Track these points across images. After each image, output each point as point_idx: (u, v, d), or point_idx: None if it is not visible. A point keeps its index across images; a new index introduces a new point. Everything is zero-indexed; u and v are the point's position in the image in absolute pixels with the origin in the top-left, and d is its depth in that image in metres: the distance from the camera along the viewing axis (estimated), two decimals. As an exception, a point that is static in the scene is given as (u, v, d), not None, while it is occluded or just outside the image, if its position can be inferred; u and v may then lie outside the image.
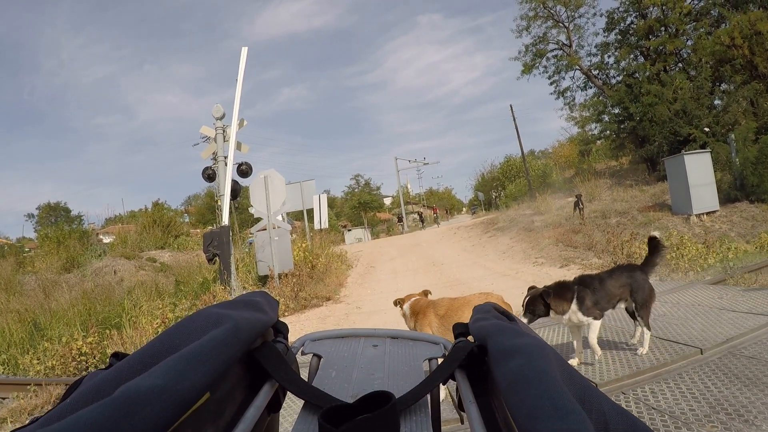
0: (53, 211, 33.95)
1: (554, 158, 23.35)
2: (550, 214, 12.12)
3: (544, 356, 0.48)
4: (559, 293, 3.15)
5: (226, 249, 9.78)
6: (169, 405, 0.36)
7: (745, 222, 8.79)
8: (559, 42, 17.93)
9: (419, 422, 0.56)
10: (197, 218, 32.29)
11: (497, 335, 0.57)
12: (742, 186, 9.81)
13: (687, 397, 2.50)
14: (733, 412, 2.29)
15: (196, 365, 0.42)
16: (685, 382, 2.68)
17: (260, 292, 0.75)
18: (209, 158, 11.17)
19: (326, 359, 0.74)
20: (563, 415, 0.36)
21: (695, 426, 2.20)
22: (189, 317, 0.54)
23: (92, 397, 0.38)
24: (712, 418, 2.26)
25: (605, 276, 3.32)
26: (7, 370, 6.63)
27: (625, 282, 3.29)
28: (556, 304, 3.13)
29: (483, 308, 0.77)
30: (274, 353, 0.60)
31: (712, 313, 3.97)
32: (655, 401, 2.50)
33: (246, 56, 10.85)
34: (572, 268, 7.28)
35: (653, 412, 2.38)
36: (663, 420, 2.28)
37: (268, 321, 0.67)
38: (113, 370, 0.44)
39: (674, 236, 7.02)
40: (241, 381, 0.56)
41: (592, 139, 18.21)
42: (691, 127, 12.22)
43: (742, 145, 10.18)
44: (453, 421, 2.48)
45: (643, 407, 2.44)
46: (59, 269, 12.87)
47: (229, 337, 0.49)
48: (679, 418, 2.29)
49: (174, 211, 28.60)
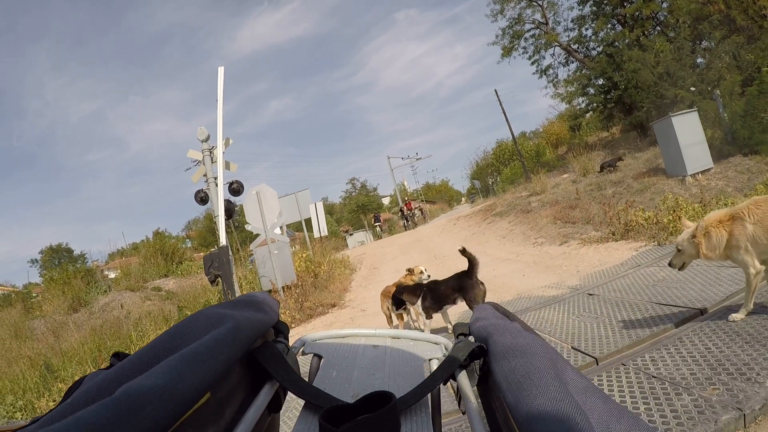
0: (56, 253, 34.08)
1: (545, 137, 23.24)
2: (546, 194, 12.04)
3: (545, 356, 0.48)
4: None
5: (227, 269, 9.75)
6: (170, 405, 0.36)
7: (741, 176, 8.70)
8: (535, 21, 17.84)
9: (420, 422, 0.56)
10: (199, 242, 32.36)
11: (498, 335, 0.57)
12: (734, 140, 9.71)
13: (687, 361, 2.45)
14: (734, 371, 2.24)
15: (197, 365, 0.42)
16: (686, 346, 2.63)
17: (261, 293, 0.73)
18: (202, 181, 11.21)
19: (327, 359, 0.74)
20: (563, 414, 0.36)
21: (696, 390, 2.16)
22: (190, 317, 0.54)
23: (93, 397, 0.38)
24: (714, 380, 2.21)
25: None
26: (25, 415, 6.66)
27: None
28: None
29: (484, 308, 0.76)
30: (274, 353, 0.60)
31: (710, 272, 3.91)
32: (655, 369, 2.45)
33: (223, 75, 10.78)
34: (572, 245, 7.22)
35: (653, 380, 2.33)
36: (663, 387, 2.24)
37: (269, 321, 0.66)
38: (114, 370, 0.43)
39: (669, 199, 6.95)
40: (241, 381, 0.56)
41: (580, 113, 18.10)
42: (676, 88, 12.13)
43: (729, 100, 10.08)
44: (453, 413, 2.44)
45: (643, 376, 2.40)
46: (67, 310, 12.92)
47: (229, 337, 0.49)
48: (679, 383, 2.25)
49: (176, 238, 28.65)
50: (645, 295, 3.79)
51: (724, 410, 1.96)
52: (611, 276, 4.78)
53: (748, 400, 2.00)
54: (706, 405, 2.02)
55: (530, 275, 6.11)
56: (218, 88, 11.07)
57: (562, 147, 21.03)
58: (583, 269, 5.60)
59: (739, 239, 2.68)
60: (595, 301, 4.04)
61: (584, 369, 2.75)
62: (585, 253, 6.46)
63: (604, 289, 4.34)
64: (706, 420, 1.92)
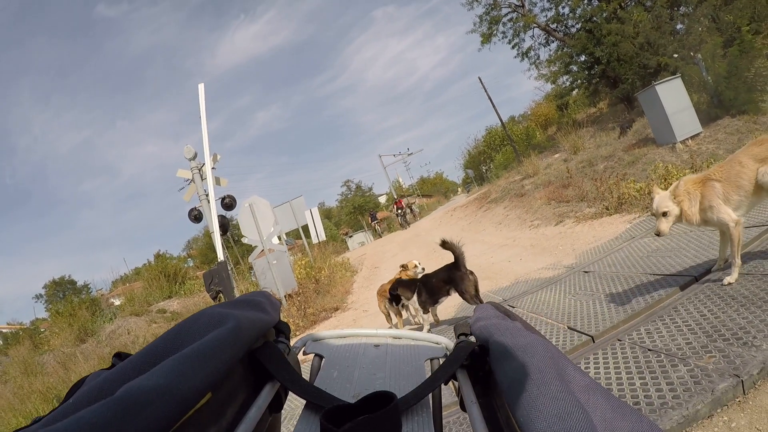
0: (59, 286, 34.06)
1: (534, 119, 23.15)
2: (539, 175, 11.99)
3: (546, 355, 0.47)
4: None
5: (227, 284, 9.75)
6: (172, 405, 0.36)
7: (731, 137, 8.64)
8: (511, 5, 17.73)
9: (421, 422, 0.56)
10: (201, 260, 32.31)
11: (499, 335, 0.57)
12: (720, 102, 9.65)
13: (683, 331, 2.40)
14: (731, 336, 2.20)
15: (198, 365, 0.42)
16: (681, 315, 2.59)
17: (262, 292, 0.72)
18: (195, 199, 11.18)
19: (328, 359, 0.74)
20: (565, 415, 0.36)
21: (692, 359, 2.11)
22: (192, 317, 0.53)
23: (95, 397, 0.38)
24: (710, 347, 2.17)
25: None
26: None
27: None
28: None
29: (485, 308, 0.76)
30: (275, 353, 0.60)
31: (704, 237, 3.87)
32: (650, 342, 2.41)
33: (204, 92, 10.82)
34: (567, 224, 7.18)
35: (649, 353, 2.29)
36: (659, 360, 2.19)
37: (270, 321, 0.66)
38: (116, 370, 0.43)
39: (660, 168, 6.90)
40: (242, 381, 0.56)
41: (565, 91, 18.01)
42: (658, 56, 12.07)
43: (711, 63, 10.01)
44: (452, 405, 2.41)
45: (639, 351, 2.35)
46: (74, 341, 12.91)
47: (231, 337, 0.49)
48: (675, 354, 2.20)
49: (177, 258, 28.65)
50: (639, 267, 3.74)
51: (721, 378, 1.91)
52: (606, 251, 4.74)
53: (745, 365, 1.95)
54: (702, 375, 1.98)
55: (527, 259, 6.07)
56: (200, 105, 11.06)
57: (552, 127, 20.96)
58: (578, 247, 5.56)
59: (711, 199, 2.73)
60: (590, 278, 3.99)
61: (581, 348, 2.72)
62: (580, 231, 6.41)
63: (599, 265, 4.30)
64: (702, 390, 1.88)
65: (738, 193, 2.73)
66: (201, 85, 11.01)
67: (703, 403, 1.83)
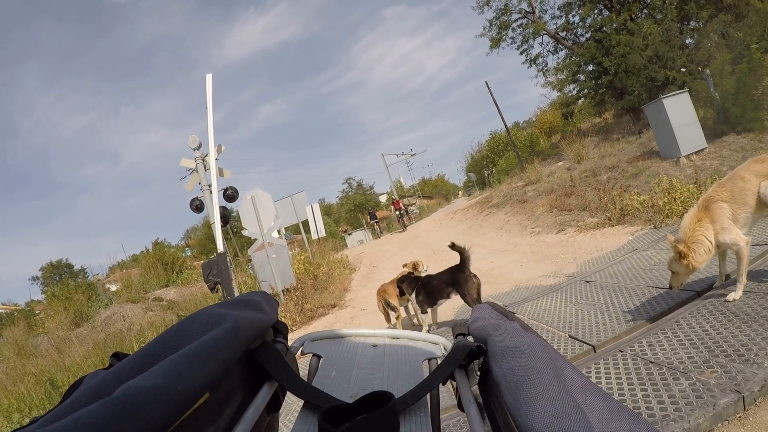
0: (56, 269, 34.00)
1: (539, 126, 23.18)
2: (541, 183, 12.01)
3: (544, 355, 0.48)
4: None
5: (226, 275, 9.72)
6: (169, 405, 0.36)
7: (735, 154, 8.67)
8: (521, 10, 17.74)
9: (419, 422, 0.56)
10: (199, 250, 32.30)
11: (497, 335, 0.57)
12: (726, 119, 9.68)
13: (685, 345, 2.42)
14: (732, 353, 2.22)
15: (196, 365, 0.42)
16: (683, 329, 2.61)
17: (260, 292, 0.73)
18: (197, 189, 11.18)
19: (326, 359, 0.74)
20: (562, 415, 0.36)
21: (694, 374, 2.13)
22: (190, 317, 0.53)
23: (93, 397, 0.38)
24: (712, 362, 2.19)
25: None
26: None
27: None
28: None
29: (483, 308, 0.76)
30: (273, 353, 0.60)
31: (707, 253, 3.88)
32: (652, 354, 2.43)
33: (211, 83, 10.78)
34: (568, 232, 7.20)
35: (651, 366, 2.31)
36: (661, 373, 2.21)
37: (268, 321, 0.66)
38: (114, 370, 0.43)
39: (664, 181, 6.92)
40: (240, 381, 0.56)
41: (571, 100, 18.04)
42: (666, 70, 12.10)
43: (719, 79, 10.04)
44: (451, 408, 2.42)
45: (641, 362, 2.37)
46: (69, 325, 12.90)
47: (229, 337, 0.49)
48: (677, 368, 2.22)
49: (175, 247, 28.60)
50: (642, 280, 3.76)
51: (722, 393, 1.93)
52: (608, 262, 4.76)
53: (746, 381, 1.97)
54: (704, 389, 2.00)
55: (528, 265, 6.09)
56: (207, 96, 11.04)
57: (556, 135, 20.98)
58: (580, 256, 5.58)
59: (722, 221, 2.72)
60: (592, 288, 4.01)
61: (582, 357, 2.73)
62: (582, 240, 6.43)
63: (601, 275, 4.32)
64: (704, 404, 1.90)
65: (745, 211, 2.75)
66: (209, 75, 10.97)
67: (704, 416, 1.85)
